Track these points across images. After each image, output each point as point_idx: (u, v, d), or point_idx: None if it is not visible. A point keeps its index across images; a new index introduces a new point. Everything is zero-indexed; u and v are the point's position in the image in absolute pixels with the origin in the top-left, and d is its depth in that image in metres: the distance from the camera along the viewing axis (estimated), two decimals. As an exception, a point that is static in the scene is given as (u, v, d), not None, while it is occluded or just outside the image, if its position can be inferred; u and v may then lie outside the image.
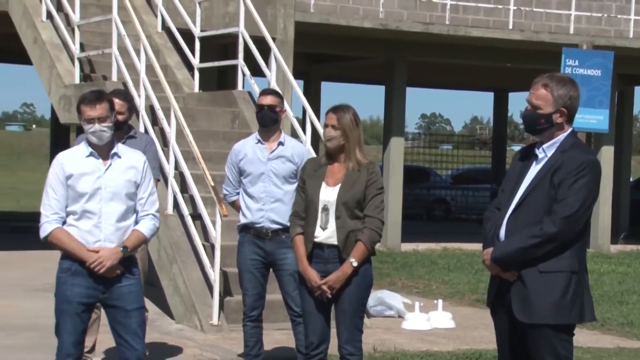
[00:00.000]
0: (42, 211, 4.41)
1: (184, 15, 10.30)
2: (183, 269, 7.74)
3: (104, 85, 8.79)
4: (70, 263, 4.41)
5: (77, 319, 4.42)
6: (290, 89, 10.28)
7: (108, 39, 9.47)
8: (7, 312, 8.09)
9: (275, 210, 5.69)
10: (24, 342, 6.87)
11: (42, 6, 10.26)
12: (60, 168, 4.42)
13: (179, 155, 8.11)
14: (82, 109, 4.41)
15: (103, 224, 4.40)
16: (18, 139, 53.35)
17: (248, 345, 5.80)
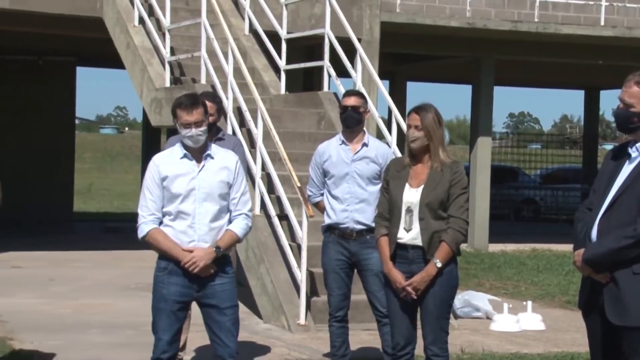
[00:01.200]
0: (140, 212, 4.52)
1: (270, 17, 10.41)
2: (270, 269, 7.82)
3: (193, 87, 8.95)
4: (166, 263, 4.51)
5: (172, 317, 4.52)
6: (376, 89, 10.28)
7: (197, 43, 9.64)
8: (103, 311, 8.31)
9: (359, 211, 5.69)
10: (121, 340, 7.04)
11: (135, 11, 10.52)
12: (155, 170, 4.52)
13: (265, 157, 8.20)
14: (178, 114, 4.50)
15: (197, 224, 4.48)
16: (112, 141, 54.76)
17: (334, 345, 5.83)
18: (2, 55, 16.69)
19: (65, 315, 8.05)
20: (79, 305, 8.54)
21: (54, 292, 9.27)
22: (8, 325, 7.33)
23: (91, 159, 46.74)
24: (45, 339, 6.86)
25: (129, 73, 10.61)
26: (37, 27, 12.77)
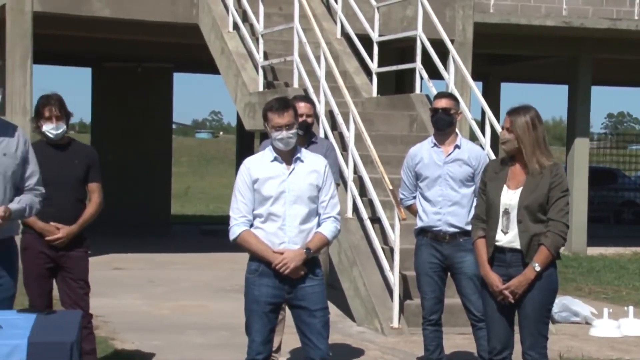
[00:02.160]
0: (231, 214, 4.60)
1: (362, 21, 10.44)
2: (363, 272, 7.84)
3: (286, 92, 9.05)
4: (257, 264, 4.57)
5: (265, 319, 4.57)
6: (469, 91, 10.18)
7: (290, 47, 9.74)
8: (199, 312, 8.48)
9: (452, 213, 5.65)
10: (216, 341, 7.17)
11: (229, 17, 10.70)
12: (247, 173, 4.59)
13: (357, 160, 8.22)
14: (269, 117, 4.56)
15: (287, 227, 4.53)
16: (207, 145, 55.73)
17: (428, 349, 5.80)
18: (103, 63, 17.22)
19: (164, 316, 8.24)
20: (177, 307, 8.73)
21: (154, 293, 9.50)
22: (110, 325, 7.55)
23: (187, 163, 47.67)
24: (146, 339, 7.05)
25: (223, 78, 10.80)
26: (136, 35, 13.15)
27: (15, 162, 4.32)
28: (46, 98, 5.40)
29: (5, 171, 4.27)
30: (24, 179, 4.39)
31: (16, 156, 4.32)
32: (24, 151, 4.36)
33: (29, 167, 4.41)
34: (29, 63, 10.73)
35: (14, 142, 4.33)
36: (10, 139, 4.32)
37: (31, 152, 4.44)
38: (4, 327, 3.61)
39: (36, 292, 5.39)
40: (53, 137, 5.37)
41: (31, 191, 4.41)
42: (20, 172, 4.35)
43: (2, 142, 4.30)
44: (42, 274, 5.39)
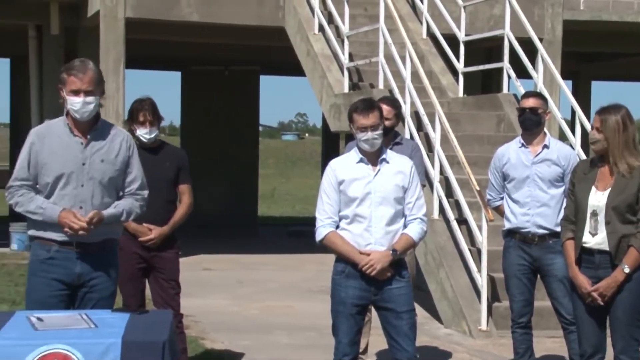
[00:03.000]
0: (317, 216, 4.63)
1: (448, 20, 10.36)
2: (450, 273, 7.78)
3: (371, 93, 9.05)
4: (343, 266, 4.59)
5: (351, 320, 4.58)
6: (559, 90, 9.99)
7: (375, 48, 9.74)
8: (287, 313, 8.56)
9: (541, 214, 5.56)
10: (303, 342, 7.22)
11: (315, 20, 10.77)
12: (332, 174, 4.61)
13: (444, 160, 8.17)
14: (354, 118, 4.57)
15: (373, 228, 4.53)
16: (293, 147, 56.13)
17: (518, 352, 5.72)
18: (192, 66, 17.54)
19: (252, 316, 8.34)
20: (265, 307, 8.82)
21: (242, 293, 9.62)
22: (201, 325, 7.68)
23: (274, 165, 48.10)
24: (235, 339, 7.15)
25: (309, 80, 10.87)
26: (224, 38, 13.34)
27: (114, 168, 4.40)
28: (140, 102, 5.53)
29: (103, 177, 4.37)
30: (125, 184, 4.48)
31: (115, 162, 4.40)
32: (125, 157, 4.44)
33: (132, 172, 4.48)
34: (122, 68, 11.00)
35: (115, 148, 4.42)
36: (111, 145, 4.41)
37: (135, 158, 4.51)
38: (99, 326, 3.72)
39: (129, 292, 5.53)
40: (146, 141, 5.50)
41: (132, 196, 4.49)
42: (120, 177, 4.43)
43: (102, 148, 4.39)
44: (135, 274, 5.52)
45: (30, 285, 4.42)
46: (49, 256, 4.35)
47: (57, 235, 4.33)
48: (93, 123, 4.41)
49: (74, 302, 4.40)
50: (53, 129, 4.43)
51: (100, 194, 4.37)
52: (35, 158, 4.35)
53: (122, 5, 10.90)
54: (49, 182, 4.33)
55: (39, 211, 4.32)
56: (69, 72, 4.33)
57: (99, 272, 4.39)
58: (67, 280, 4.35)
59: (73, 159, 4.34)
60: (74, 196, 4.32)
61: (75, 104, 4.31)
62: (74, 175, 4.33)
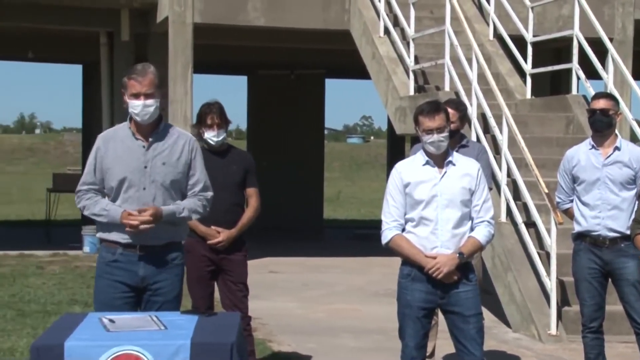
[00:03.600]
0: (383, 218, 4.62)
1: (516, 21, 10.25)
2: (518, 277, 7.69)
3: (437, 95, 9.01)
4: (410, 269, 4.58)
5: (418, 323, 4.56)
6: (630, 91, 9.80)
7: (441, 50, 9.68)
8: (353, 316, 8.56)
9: (612, 217, 5.46)
10: (370, 345, 7.22)
11: (380, 22, 10.76)
12: (398, 177, 4.60)
13: (511, 163, 8.08)
14: (420, 120, 4.56)
15: (439, 231, 4.51)
16: (358, 150, 56.12)
17: (589, 357, 5.62)
18: (258, 70, 17.68)
19: (319, 319, 8.37)
20: (331, 310, 8.84)
21: (308, 296, 9.66)
22: (268, 327, 7.73)
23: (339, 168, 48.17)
24: (302, 342, 7.18)
25: (374, 83, 10.87)
26: (289, 42, 13.43)
27: (176, 170, 4.46)
28: (208, 106, 5.59)
29: (164, 180, 4.43)
30: (187, 186, 4.53)
31: (177, 164, 4.46)
32: (188, 159, 4.50)
33: (195, 174, 4.53)
34: (190, 73, 11.16)
35: (177, 151, 4.48)
36: (173, 148, 4.47)
37: (198, 160, 4.56)
38: (169, 327, 3.78)
39: (198, 294, 5.60)
40: (214, 143, 5.56)
41: (195, 197, 4.55)
42: (183, 180, 4.49)
43: (164, 151, 4.46)
44: (203, 276, 5.59)
45: (97, 287, 4.51)
46: (113, 259, 4.44)
47: (121, 237, 4.40)
48: (155, 126, 4.47)
49: (139, 304, 4.46)
50: (118, 133, 4.52)
51: (163, 196, 4.42)
52: (101, 162, 4.45)
53: (190, 11, 11.06)
54: (114, 186, 4.42)
55: (103, 213, 4.40)
56: (129, 76, 4.42)
57: (162, 276, 4.44)
58: (131, 283, 4.42)
59: (135, 162, 4.41)
60: (136, 199, 4.39)
61: (136, 107, 4.39)
62: (136, 179, 4.40)
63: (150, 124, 4.44)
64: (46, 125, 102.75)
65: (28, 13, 12.22)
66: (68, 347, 3.52)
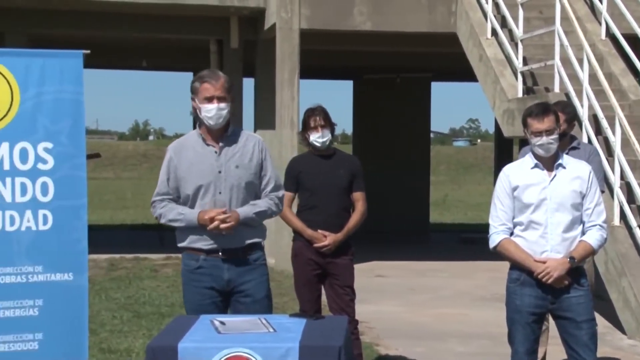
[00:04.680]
0: (491, 222, 4.57)
1: (630, 20, 9.94)
2: (633, 282, 7.46)
3: (547, 97, 8.83)
4: (518, 273, 4.51)
5: (528, 329, 4.49)
6: None
7: (550, 51, 9.49)
8: (461, 320, 8.48)
9: None
10: (477, 350, 7.15)
11: (487, 24, 10.64)
12: (506, 180, 4.55)
13: (624, 165, 7.85)
14: (529, 122, 4.49)
15: (549, 235, 4.43)
16: (464, 153, 55.53)
17: None
18: (363, 75, 17.73)
19: (426, 323, 8.33)
20: (439, 314, 8.78)
21: (415, 300, 9.62)
22: (375, 331, 7.75)
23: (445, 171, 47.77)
24: (409, 346, 7.16)
25: (481, 85, 10.75)
26: (395, 46, 13.42)
27: (249, 172, 4.51)
28: (311, 110, 5.65)
29: (239, 182, 4.49)
30: (261, 187, 4.57)
31: (250, 166, 4.52)
32: (259, 159, 4.55)
33: (266, 175, 4.59)
34: (296, 78, 11.29)
35: (248, 153, 4.53)
36: (244, 150, 4.53)
37: (268, 160, 4.61)
38: (278, 330, 3.84)
39: (305, 297, 5.65)
40: (319, 145, 5.60)
41: (267, 197, 4.57)
42: (256, 181, 4.54)
43: (236, 154, 4.52)
44: (310, 280, 5.64)
45: (186, 295, 4.60)
46: (197, 265, 4.49)
47: (203, 244, 4.46)
48: (224, 130, 4.53)
49: (227, 307, 4.52)
50: (188, 141, 4.58)
51: (239, 199, 4.47)
52: (174, 172, 4.52)
53: (297, 17, 11.19)
54: (190, 194, 4.47)
55: (179, 217, 4.46)
56: (201, 80, 4.46)
57: (248, 277, 4.50)
58: (217, 287, 4.49)
59: (209, 168, 4.47)
60: (213, 204, 4.44)
61: (210, 110, 4.45)
62: (212, 184, 4.45)
63: (220, 129, 4.50)
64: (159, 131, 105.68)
65: (143, 24, 12.64)
66: (181, 348, 3.62)
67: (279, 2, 11.25)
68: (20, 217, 4.67)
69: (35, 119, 4.71)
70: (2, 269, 4.63)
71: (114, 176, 46.71)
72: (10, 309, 4.65)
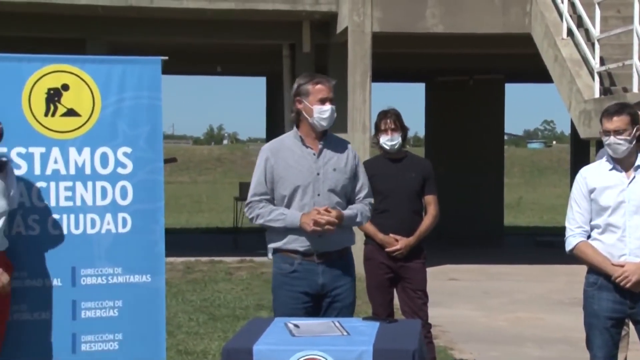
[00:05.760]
0: (567, 225, 4.50)
1: None
2: None
3: (624, 97, 8.65)
4: (596, 277, 4.43)
5: (606, 334, 4.41)
6: None
7: (628, 50, 9.30)
8: (536, 325, 8.36)
9: None
10: (555, 355, 7.04)
11: (563, 24, 10.48)
12: (583, 182, 4.48)
13: None
14: (602, 121, 4.43)
15: (627, 238, 4.34)
16: (539, 155, 54.68)
17: None
18: (436, 77, 17.63)
19: (501, 327, 8.24)
20: (514, 318, 8.68)
21: (489, 304, 9.53)
22: (448, 335, 7.70)
23: (519, 174, 47.12)
24: (484, 350, 7.09)
25: (556, 86, 10.59)
26: (468, 48, 13.32)
27: (345, 176, 4.53)
28: (384, 112, 5.67)
29: (336, 185, 4.50)
30: (354, 192, 4.60)
31: (345, 170, 4.54)
32: (353, 165, 4.58)
33: (359, 180, 4.61)
34: (368, 81, 11.30)
35: (344, 157, 4.56)
36: (340, 155, 4.56)
37: (361, 167, 4.65)
38: (351, 333, 3.85)
39: (378, 300, 5.65)
40: (388, 148, 5.60)
41: (361, 202, 4.61)
42: (350, 185, 4.56)
43: (332, 158, 4.54)
44: (382, 283, 5.64)
45: (277, 299, 4.58)
46: (292, 269, 4.49)
47: (299, 245, 4.46)
48: (323, 134, 4.56)
49: (318, 311, 4.53)
50: (285, 142, 4.59)
51: (335, 202, 4.49)
52: (271, 173, 4.53)
53: (370, 20, 11.20)
54: (286, 195, 4.49)
55: (280, 217, 4.46)
56: (313, 82, 4.49)
57: (340, 282, 4.51)
58: (311, 292, 4.49)
59: (308, 170, 4.49)
60: (311, 206, 4.45)
61: (325, 111, 4.47)
62: (310, 186, 4.48)
63: (318, 132, 4.52)
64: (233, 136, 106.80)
65: (218, 30, 12.83)
66: (256, 350, 3.66)
67: (351, 5, 11.28)
68: (101, 220, 4.80)
69: (116, 124, 4.83)
70: (83, 270, 4.76)
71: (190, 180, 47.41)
72: (92, 310, 4.77)
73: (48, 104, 4.77)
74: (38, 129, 4.74)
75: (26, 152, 4.72)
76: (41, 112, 4.75)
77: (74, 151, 4.78)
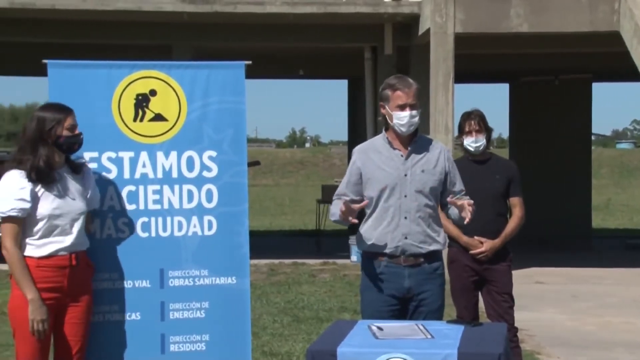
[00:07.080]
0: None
1: None
2: None
3: None
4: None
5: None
6: None
7: None
8: (628, 329, 8.17)
9: None
10: (643, 360, 6.88)
11: (650, 22, 10.20)
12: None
13: None
14: None
15: None
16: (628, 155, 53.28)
17: None
18: (520, 77, 17.36)
19: (590, 332, 8.06)
20: (604, 323, 8.49)
21: (577, 308, 9.34)
22: (535, 339, 7.57)
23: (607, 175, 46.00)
24: (572, 355, 6.96)
25: (647, 85, 10.31)
26: (553, 47, 13.08)
27: (434, 177, 4.51)
28: (468, 114, 5.62)
29: (424, 187, 4.48)
30: (447, 191, 4.55)
31: (435, 172, 4.51)
32: (444, 166, 4.54)
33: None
34: (451, 83, 11.20)
35: (434, 159, 4.53)
36: (429, 156, 4.53)
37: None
38: (435, 337, 3.83)
39: (462, 303, 5.60)
40: (472, 150, 5.55)
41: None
42: (439, 187, 4.53)
43: (422, 159, 4.52)
44: (467, 286, 5.58)
45: (364, 301, 4.59)
46: (378, 271, 4.49)
47: (385, 247, 4.46)
48: (412, 136, 4.54)
49: (404, 315, 4.50)
50: (374, 144, 4.61)
51: (423, 203, 4.47)
52: (358, 174, 4.55)
53: (452, 22, 11.11)
54: (374, 196, 4.49)
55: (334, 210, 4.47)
56: (393, 88, 4.48)
57: (427, 286, 4.48)
58: (397, 295, 4.48)
59: (395, 171, 4.48)
60: (397, 207, 4.45)
61: (402, 117, 4.46)
62: (397, 187, 4.46)
63: (408, 135, 4.51)
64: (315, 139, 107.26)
65: (300, 33, 12.92)
66: (340, 352, 3.67)
67: (433, 7, 11.21)
68: (187, 223, 4.88)
69: (201, 128, 4.91)
70: (171, 272, 4.85)
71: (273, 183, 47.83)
72: (179, 311, 4.85)
73: (137, 109, 4.87)
74: (127, 133, 4.85)
75: (116, 156, 4.83)
76: (130, 117, 4.86)
77: (161, 155, 4.87)
